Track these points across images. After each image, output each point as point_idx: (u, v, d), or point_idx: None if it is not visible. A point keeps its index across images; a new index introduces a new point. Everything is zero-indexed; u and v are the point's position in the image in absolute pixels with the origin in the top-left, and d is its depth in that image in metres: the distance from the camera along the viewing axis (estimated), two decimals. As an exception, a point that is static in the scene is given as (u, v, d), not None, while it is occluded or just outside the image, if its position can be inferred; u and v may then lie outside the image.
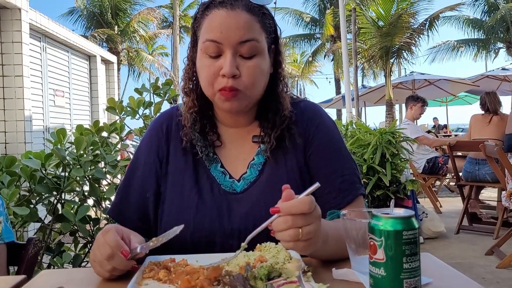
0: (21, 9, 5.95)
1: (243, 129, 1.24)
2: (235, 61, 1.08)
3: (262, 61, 1.12)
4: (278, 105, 1.19)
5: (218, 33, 1.08)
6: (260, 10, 1.12)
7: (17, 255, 1.43)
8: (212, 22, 1.09)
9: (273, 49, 1.19)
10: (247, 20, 1.09)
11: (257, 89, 1.14)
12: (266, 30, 1.14)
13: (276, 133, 1.17)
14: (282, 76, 1.21)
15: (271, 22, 1.17)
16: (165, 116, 1.29)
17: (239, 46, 1.08)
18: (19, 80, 5.91)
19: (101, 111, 8.84)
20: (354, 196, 1.16)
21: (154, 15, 23.46)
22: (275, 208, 0.84)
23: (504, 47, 21.76)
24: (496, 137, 5.25)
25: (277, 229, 0.85)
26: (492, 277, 3.51)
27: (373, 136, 4.10)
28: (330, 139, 1.22)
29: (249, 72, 1.09)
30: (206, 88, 1.13)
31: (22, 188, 2.06)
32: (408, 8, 12.30)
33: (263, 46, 1.12)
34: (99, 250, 0.94)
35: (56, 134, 2.13)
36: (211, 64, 1.10)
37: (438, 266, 0.98)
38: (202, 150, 1.20)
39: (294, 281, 0.84)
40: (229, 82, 1.08)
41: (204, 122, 1.21)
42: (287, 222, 0.83)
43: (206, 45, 1.09)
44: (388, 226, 0.75)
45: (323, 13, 26.03)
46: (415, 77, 10.67)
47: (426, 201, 6.15)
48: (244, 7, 1.09)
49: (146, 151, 1.25)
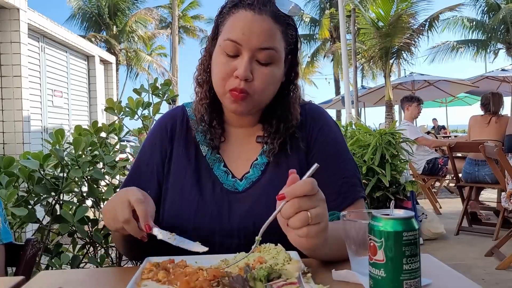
0: (20, 9, 5.94)
1: (248, 129, 1.24)
2: (250, 65, 1.09)
3: (277, 70, 1.13)
4: (287, 114, 1.19)
5: (240, 34, 1.08)
6: (285, 20, 1.13)
7: (15, 256, 1.42)
8: (237, 21, 1.10)
9: (290, 60, 1.19)
10: (271, 27, 1.09)
11: (266, 96, 1.15)
12: (287, 41, 1.15)
13: (279, 139, 1.18)
14: (294, 86, 1.22)
15: (294, 33, 1.17)
16: (169, 116, 1.30)
17: (257, 52, 1.09)
18: (17, 81, 5.91)
19: (100, 111, 8.84)
20: (353, 199, 1.17)
21: (152, 15, 23.48)
22: (281, 195, 0.85)
23: (504, 48, 21.79)
24: (496, 138, 5.26)
25: (286, 215, 0.85)
26: (492, 278, 3.51)
27: (372, 137, 4.10)
28: (332, 142, 1.22)
29: (262, 78, 1.10)
30: (217, 85, 1.14)
31: (20, 189, 2.05)
32: (408, 8, 12.32)
33: (281, 56, 1.13)
34: (119, 209, 0.96)
35: (55, 134, 2.13)
36: (226, 63, 1.10)
37: (437, 267, 0.98)
38: (209, 144, 1.21)
39: (294, 282, 0.84)
40: (241, 84, 1.08)
41: (213, 115, 1.22)
42: (294, 205, 0.84)
43: (226, 43, 1.10)
44: (388, 227, 0.75)
45: (322, 13, 26.04)
46: (414, 78, 10.69)
47: (426, 202, 6.15)
48: (271, 14, 1.10)
49: (149, 150, 1.26)
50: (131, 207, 0.96)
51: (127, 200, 0.97)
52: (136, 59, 23.94)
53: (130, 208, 0.96)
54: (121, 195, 1.00)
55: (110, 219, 1.00)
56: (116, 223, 0.98)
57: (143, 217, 0.95)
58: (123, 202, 0.97)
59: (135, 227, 0.96)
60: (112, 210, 0.99)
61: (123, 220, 0.95)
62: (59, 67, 7.68)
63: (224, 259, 0.95)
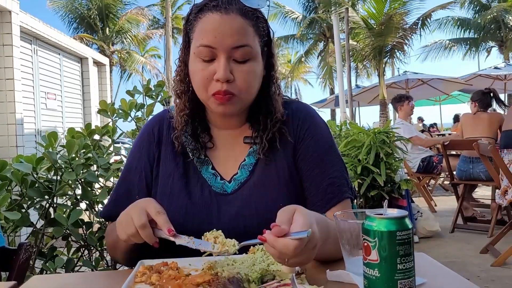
0: (12, 11, 5.91)
1: (235, 131, 1.23)
2: (229, 66, 1.08)
3: (256, 65, 1.12)
4: (271, 108, 1.18)
5: (212, 37, 1.07)
6: (254, 14, 1.12)
7: (8, 260, 1.41)
8: (206, 26, 1.08)
9: (266, 52, 1.18)
10: (241, 25, 1.08)
11: (251, 93, 1.14)
12: (260, 34, 1.14)
13: (268, 135, 1.17)
14: (275, 78, 1.21)
15: (265, 25, 1.16)
16: (156, 120, 1.30)
17: (232, 51, 1.08)
18: (10, 83, 5.87)
19: (94, 113, 8.80)
20: (339, 200, 1.16)
21: (143, 14, 23.36)
22: (262, 237, 0.84)
23: (496, 46, 21.92)
24: (488, 135, 5.29)
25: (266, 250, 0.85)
26: (487, 276, 3.52)
27: (367, 136, 4.10)
28: (320, 141, 1.21)
29: (243, 76, 1.09)
30: (199, 91, 1.13)
31: (14, 192, 2.03)
32: (400, 7, 12.36)
33: (257, 50, 1.12)
34: (136, 215, 0.97)
35: (48, 137, 2.11)
36: (204, 68, 1.09)
37: (432, 266, 0.98)
38: (194, 153, 1.20)
39: (288, 283, 0.83)
40: (223, 86, 1.07)
41: (195, 125, 1.21)
42: (275, 252, 0.83)
43: (199, 50, 1.09)
44: (381, 226, 0.75)
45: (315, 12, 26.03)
46: (408, 77, 10.72)
47: (421, 200, 6.16)
48: (238, 11, 1.08)
49: (137, 155, 1.26)
50: (148, 215, 0.97)
51: (145, 208, 0.98)
52: (129, 61, 23.83)
53: (146, 215, 0.97)
54: (139, 203, 1.01)
55: (123, 223, 1.00)
56: (129, 228, 0.98)
57: (165, 224, 0.97)
58: (140, 208, 0.98)
59: (150, 233, 0.97)
60: (128, 215, 0.99)
61: (139, 225, 0.96)
62: (52, 70, 7.64)
63: (214, 261, 0.94)
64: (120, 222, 1.02)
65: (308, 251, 0.84)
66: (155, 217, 0.97)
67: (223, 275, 0.84)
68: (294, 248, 0.81)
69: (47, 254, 2.09)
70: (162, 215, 0.98)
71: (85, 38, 20.84)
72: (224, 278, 0.82)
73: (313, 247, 0.85)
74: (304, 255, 0.84)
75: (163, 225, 0.97)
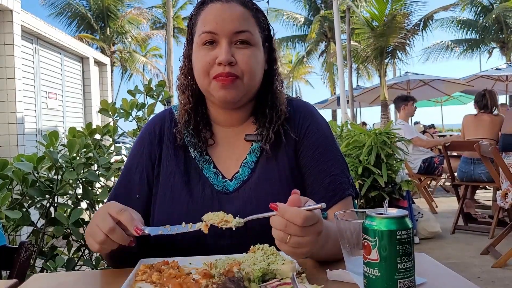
0: (13, 11, 5.91)
1: (236, 128, 1.24)
2: (230, 50, 1.11)
3: (257, 52, 1.15)
4: (275, 101, 1.20)
5: (213, 24, 1.11)
6: (253, 5, 1.17)
7: (9, 259, 1.41)
8: (208, 15, 1.13)
9: (267, 47, 1.22)
10: (241, 12, 1.14)
11: (253, 79, 1.15)
12: (260, 26, 1.18)
13: (274, 128, 1.18)
14: (277, 73, 1.23)
15: (264, 20, 1.21)
16: (158, 119, 1.30)
17: (234, 36, 1.12)
18: (11, 83, 5.87)
19: (95, 113, 8.80)
20: (340, 197, 1.16)
21: (144, 15, 23.36)
22: (274, 205, 0.85)
23: (498, 47, 21.90)
24: (490, 137, 5.28)
25: (272, 224, 0.86)
26: (488, 277, 3.52)
27: (368, 137, 4.10)
28: (321, 138, 1.21)
29: (245, 59, 1.12)
30: (201, 77, 1.14)
31: (14, 192, 2.03)
32: (402, 8, 12.35)
33: (257, 39, 1.16)
34: (101, 222, 0.94)
35: (48, 136, 2.11)
36: (206, 54, 1.12)
37: (433, 265, 0.98)
38: (196, 147, 1.20)
39: (288, 282, 0.83)
40: (225, 68, 1.10)
41: (198, 120, 1.22)
42: (281, 224, 0.84)
43: (202, 37, 1.13)
44: (382, 226, 0.75)
45: (316, 14, 26.01)
46: (409, 78, 10.73)
47: (422, 201, 6.16)
48: (238, 1, 1.14)
49: (139, 154, 1.26)
50: (113, 218, 0.94)
51: (107, 212, 0.95)
52: (130, 61, 23.83)
53: (111, 219, 0.94)
54: (100, 210, 0.98)
55: (91, 235, 0.96)
56: (98, 236, 0.94)
57: (130, 221, 0.93)
58: (103, 213, 0.95)
59: (122, 234, 0.94)
60: (92, 226, 0.96)
61: (108, 230, 0.92)
62: (53, 69, 7.64)
63: (215, 260, 0.94)
64: (87, 235, 0.98)
65: (312, 234, 0.85)
66: (118, 216, 0.94)
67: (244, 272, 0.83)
68: (304, 218, 0.82)
69: (48, 253, 2.09)
70: (125, 212, 0.94)
71: (85, 39, 20.81)
72: (224, 277, 0.82)
73: (317, 232, 0.86)
74: (307, 237, 0.84)
75: (128, 223, 0.93)
